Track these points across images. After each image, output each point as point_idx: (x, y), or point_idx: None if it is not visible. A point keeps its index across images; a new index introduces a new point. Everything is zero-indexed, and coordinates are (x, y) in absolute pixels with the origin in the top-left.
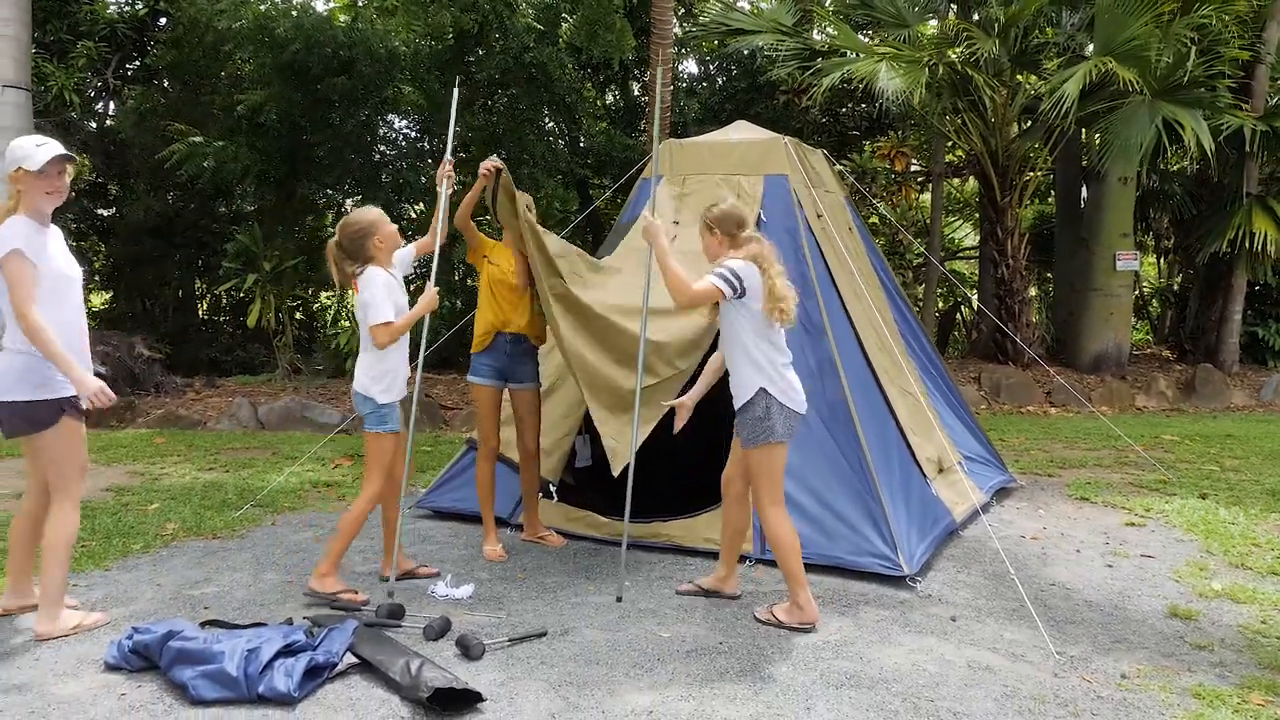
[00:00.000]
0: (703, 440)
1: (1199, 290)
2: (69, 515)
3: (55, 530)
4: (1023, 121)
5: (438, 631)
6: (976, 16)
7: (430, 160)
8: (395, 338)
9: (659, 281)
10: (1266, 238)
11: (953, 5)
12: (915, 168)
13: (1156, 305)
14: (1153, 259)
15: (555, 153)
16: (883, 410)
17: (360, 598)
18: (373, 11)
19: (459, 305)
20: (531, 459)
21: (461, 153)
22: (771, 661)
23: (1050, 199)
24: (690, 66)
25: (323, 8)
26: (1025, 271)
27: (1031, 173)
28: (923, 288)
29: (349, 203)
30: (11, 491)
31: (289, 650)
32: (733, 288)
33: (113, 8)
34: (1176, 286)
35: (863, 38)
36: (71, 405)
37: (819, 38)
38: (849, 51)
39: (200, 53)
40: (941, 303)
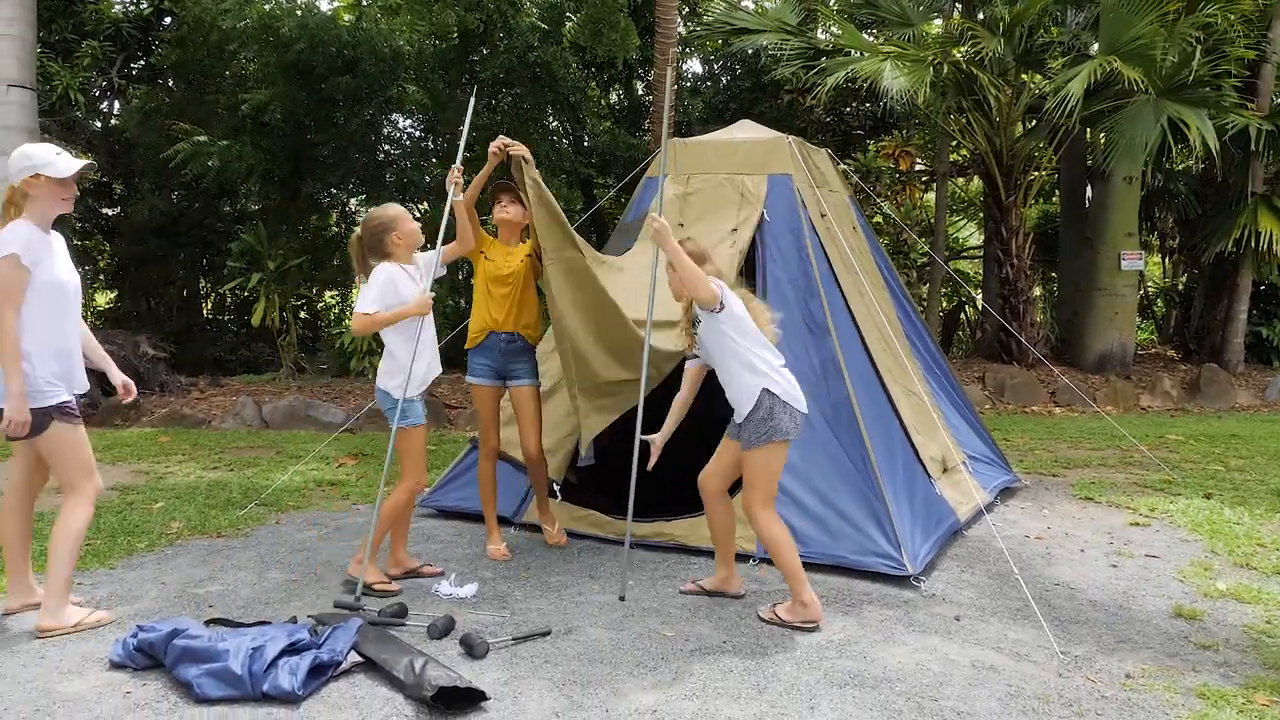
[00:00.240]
0: (704, 440)
1: (1204, 290)
2: (78, 510)
3: (64, 523)
4: (1027, 121)
5: (441, 630)
6: (981, 15)
7: (435, 160)
8: (370, 330)
9: (661, 283)
10: (1272, 237)
11: (957, 4)
12: (920, 167)
13: (1161, 305)
14: (1158, 258)
15: (559, 152)
16: (887, 410)
17: (394, 587)
18: (377, 10)
19: (462, 304)
20: (534, 460)
21: (466, 152)
22: (775, 660)
23: (1055, 198)
24: (694, 65)
25: (327, 7)
26: (1030, 271)
27: (1036, 172)
28: (927, 287)
29: (353, 202)
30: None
31: (293, 649)
32: (721, 301)
33: (118, 7)
34: (1181, 286)
35: (867, 37)
36: (61, 411)
37: (823, 37)
38: (853, 51)
39: (205, 52)
40: (946, 302)
